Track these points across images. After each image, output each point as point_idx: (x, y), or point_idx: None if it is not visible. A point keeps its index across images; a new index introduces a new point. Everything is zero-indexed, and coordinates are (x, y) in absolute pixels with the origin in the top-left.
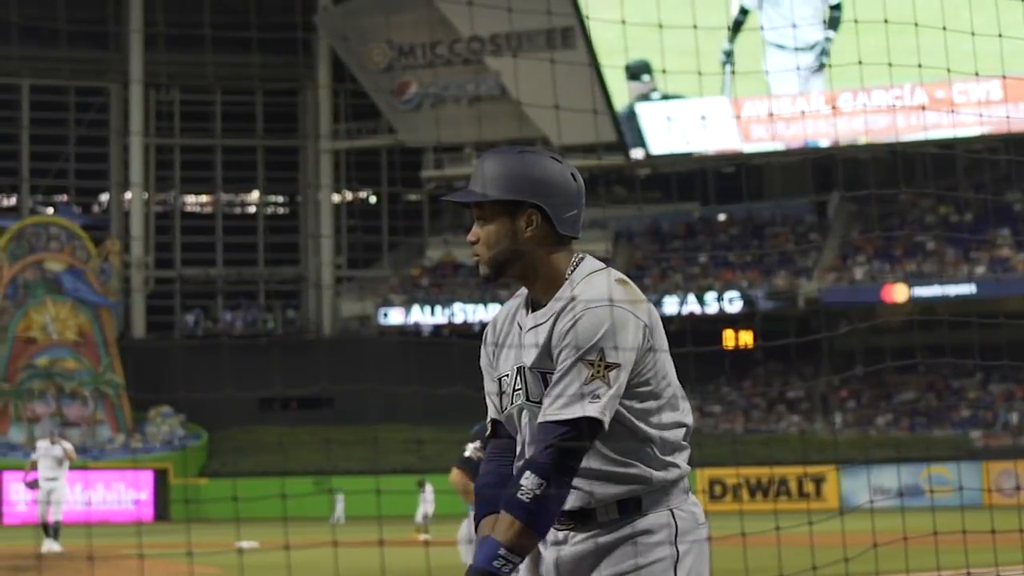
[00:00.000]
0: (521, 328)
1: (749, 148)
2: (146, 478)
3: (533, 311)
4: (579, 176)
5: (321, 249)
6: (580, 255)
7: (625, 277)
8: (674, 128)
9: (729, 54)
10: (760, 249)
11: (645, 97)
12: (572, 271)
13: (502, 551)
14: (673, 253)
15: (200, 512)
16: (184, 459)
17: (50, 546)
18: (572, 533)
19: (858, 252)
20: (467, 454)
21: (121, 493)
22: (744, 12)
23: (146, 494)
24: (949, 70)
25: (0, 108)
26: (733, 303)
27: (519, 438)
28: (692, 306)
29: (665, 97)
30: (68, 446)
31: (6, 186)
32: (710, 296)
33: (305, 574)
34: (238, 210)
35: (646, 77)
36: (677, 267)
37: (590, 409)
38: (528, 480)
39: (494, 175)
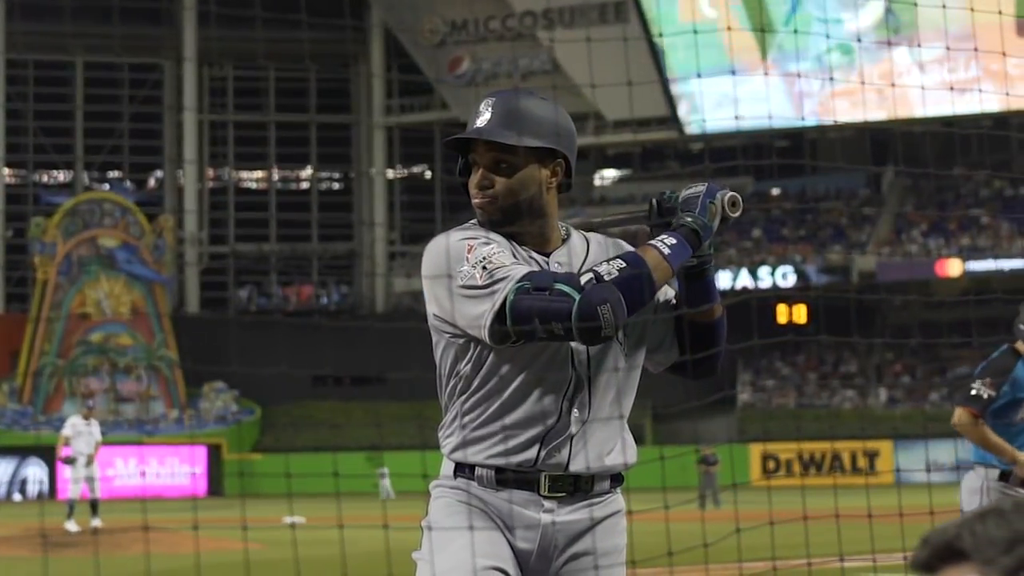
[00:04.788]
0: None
1: (804, 122)
2: (200, 453)
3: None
4: None
5: (374, 225)
6: None
7: None
8: (729, 102)
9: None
10: (814, 224)
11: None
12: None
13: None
14: (727, 227)
15: (253, 487)
16: (237, 434)
17: (70, 526)
18: (560, 504)
19: (912, 226)
20: (974, 392)
21: (175, 468)
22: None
23: (200, 469)
24: (1004, 53)
25: (54, 85)
26: (787, 277)
27: (570, 373)
28: (745, 280)
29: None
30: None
31: (60, 163)
32: (764, 271)
33: (348, 549)
34: (292, 186)
35: None
36: (731, 241)
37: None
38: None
39: (531, 120)
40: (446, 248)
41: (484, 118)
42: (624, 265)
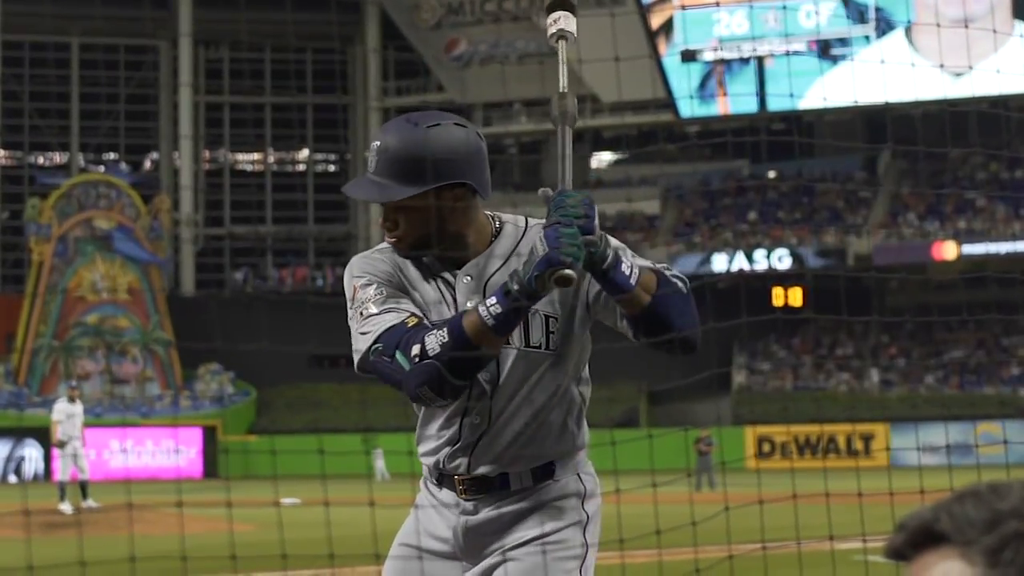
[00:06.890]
0: (450, 285)
1: (799, 105)
2: (195, 435)
3: (457, 268)
4: (480, 134)
5: (370, 206)
6: (489, 213)
7: None
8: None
9: None
10: (810, 206)
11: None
12: (497, 225)
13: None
14: (723, 210)
15: (248, 469)
16: (233, 416)
17: (65, 508)
18: (478, 504)
19: (908, 209)
20: None
21: (170, 450)
22: None
23: (195, 451)
24: (995, 30)
25: (50, 66)
26: (782, 260)
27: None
28: (741, 263)
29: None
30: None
31: (56, 144)
32: (759, 253)
33: (342, 531)
34: (287, 167)
35: None
36: (726, 224)
37: None
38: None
39: (420, 158)
40: (345, 282)
41: (372, 164)
42: (446, 340)
